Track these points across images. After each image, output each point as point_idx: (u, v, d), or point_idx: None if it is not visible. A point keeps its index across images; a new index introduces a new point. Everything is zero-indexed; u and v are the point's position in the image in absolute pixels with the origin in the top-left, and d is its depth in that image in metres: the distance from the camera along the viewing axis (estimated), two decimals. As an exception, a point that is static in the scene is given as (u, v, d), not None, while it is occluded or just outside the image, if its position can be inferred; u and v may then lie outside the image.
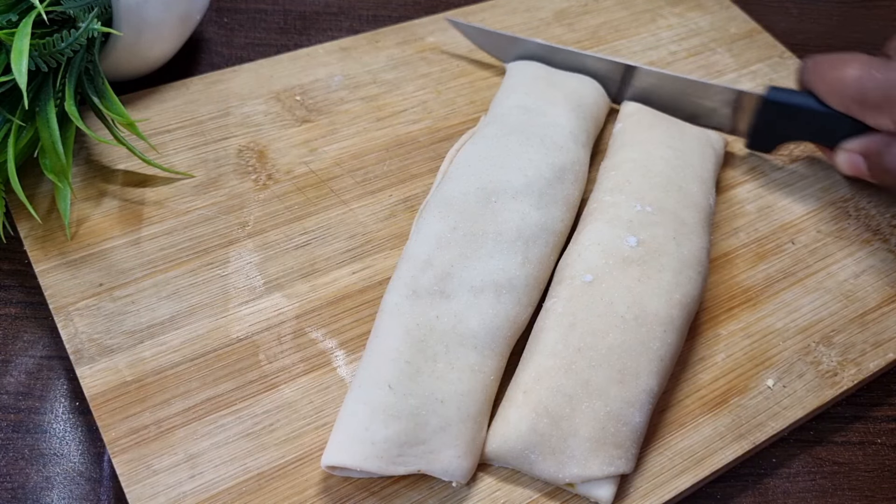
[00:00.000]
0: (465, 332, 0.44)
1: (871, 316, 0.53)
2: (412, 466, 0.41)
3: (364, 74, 0.63)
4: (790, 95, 0.57)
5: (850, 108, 0.54)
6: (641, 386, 0.44)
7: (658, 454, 0.46)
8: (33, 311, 0.51)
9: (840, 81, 0.54)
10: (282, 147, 0.57)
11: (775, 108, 0.58)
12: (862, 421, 0.52)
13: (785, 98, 0.57)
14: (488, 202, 0.49)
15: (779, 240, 0.57)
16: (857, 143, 0.55)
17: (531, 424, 0.42)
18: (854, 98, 0.53)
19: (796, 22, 0.80)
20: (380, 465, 0.40)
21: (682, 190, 0.52)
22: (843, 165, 0.57)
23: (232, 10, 0.71)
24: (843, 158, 0.56)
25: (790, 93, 0.57)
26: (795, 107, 0.57)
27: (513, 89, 0.58)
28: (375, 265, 0.52)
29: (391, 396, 0.41)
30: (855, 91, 0.53)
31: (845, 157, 0.56)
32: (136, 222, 0.52)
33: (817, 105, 0.56)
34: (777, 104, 0.57)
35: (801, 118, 0.57)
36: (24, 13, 0.48)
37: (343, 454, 0.40)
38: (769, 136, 0.60)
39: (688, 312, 0.47)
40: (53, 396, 0.48)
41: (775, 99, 0.57)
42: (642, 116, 0.58)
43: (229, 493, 0.42)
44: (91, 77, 0.53)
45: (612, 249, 0.48)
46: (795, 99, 0.57)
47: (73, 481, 0.45)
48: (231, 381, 0.45)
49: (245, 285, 0.50)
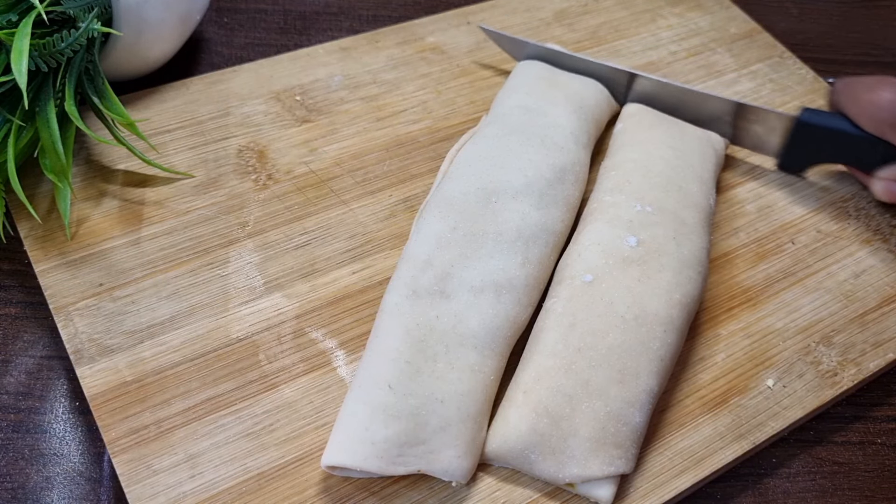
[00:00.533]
0: (465, 332, 0.44)
1: (871, 316, 0.53)
2: (412, 466, 0.41)
3: (364, 74, 0.63)
4: (823, 118, 0.57)
5: (885, 132, 0.54)
6: (641, 386, 0.44)
7: (658, 454, 0.46)
8: (33, 311, 0.51)
9: (874, 105, 0.53)
10: (282, 147, 0.57)
11: (808, 130, 0.57)
12: (862, 421, 0.52)
13: (818, 120, 0.56)
14: (488, 202, 0.49)
15: (779, 240, 0.57)
16: (894, 171, 0.55)
17: (531, 424, 0.42)
18: (888, 122, 0.53)
19: (796, 22, 0.80)
20: (380, 465, 0.40)
21: (683, 190, 0.52)
22: (881, 193, 0.57)
23: (232, 10, 0.71)
24: (881, 187, 0.57)
25: (823, 115, 0.57)
26: (828, 129, 0.56)
27: (514, 89, 0.58)
28: (375, 265, 0.52)
29: (391, 396, 0.41)
30: (889, 115, 0.53)
31: (882, 185, 0.56)
32: (136, 222, 0.52)
33: (851, 128, 0.55)
34: (810, 126, 0.57)
35: (834, 141, 0.57)
36: (24, 13, 0.48)
37: (343, 454, 0.40)
38: (801, 157, 0.59)
39: (688, 312, 0.47)
40: (53, 396, 0.48)
41: (808, 121, 0.57)
42: (643, 117, 0.58)
43: (229, 493, 0.42)
44: (91, 77, 0.53)
45: (612, 249, 0.48)
46: (828, 121, 0.56)
47: (73, 481, 0.45)
48: (231, 381, 0.45)
49: (245, 285, 0.50)
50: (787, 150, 0.59)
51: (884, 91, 0.53)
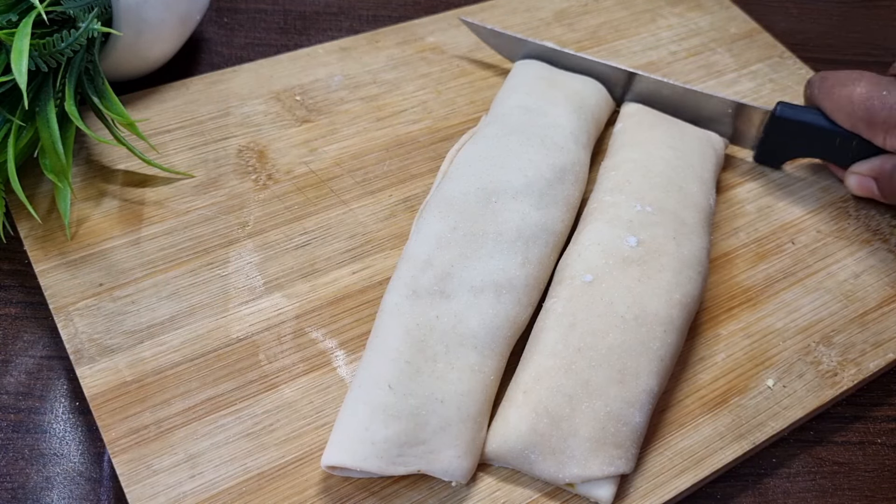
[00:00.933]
0: (465, 331, 0.44)
1: (871, 316, 0.53)
2: (412, 466, 0.41)
3: (364, 74, 0.63)
4: (798, 112, 0.57)
5: (858, 127, 0.54)
6: (641, 386, 0.44)
7: (658, 454, 0.46)
8: (33, 311, 0.51)
9: (848, 99, 0.53)
10: (282, 147, 0.57)
11: (783, 124, 0.57)
12: (862, 421, 0.52)
13: (793, 114, 0.57)
14: (488, 202, 0.49)
15: (779, 240, 0.57)
16: (867, 166, 0.55)
17: (531, 424, 0.42)
18: (862, 117, 0.53)
19: (796, 22, 0.80)
20: (380, 465, 0.40)
21: (683, 190, 0.52)
22: (854, 187, 0.57)
23: (232, 10, 0.71)
24: (854, 181, 0.57)
25: (799, 109, 0.57)
26: (804, 123, 0.56)
27: (514, 89, 0.58)
28: (375, 265, 0.52)
29: (391, 396, 0.41)
30: (863, 110, 0.53)
31: (856, 179, 0.57)
32: (136, 222, 0.52)
33: (826, 123, 0.56)
34: (785, 120, 0.57)
35: (809, 135, 0.57)
36: (24, 13, 0.48)
37: (343, 454, 0.40)
38: (777, 151, 0.60)
39: (688, 312, 0.47)
40: (53, 396, 0.48)
41: (783, 115, 0.57)
42: (643, 117, 0.58)
43: (229, 493, 0.42)
44: (91, 77, 0.53)
45: (612, 249, 0.48)
46: (804, 115, 0.56)
47: (73, 481, 0.45)
48: (231, 381, 0.45)
49: (245, 285, 0.50)
50: (763, 144, 0.59)
51: (857, 86, 0.53)
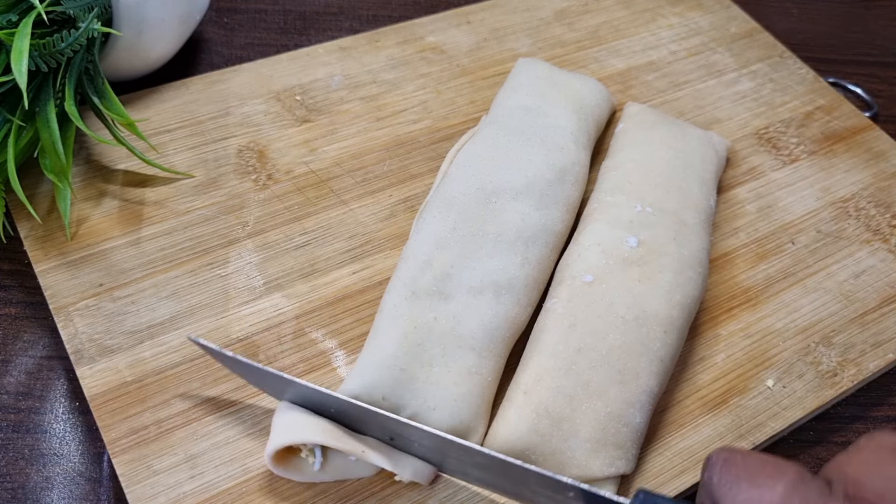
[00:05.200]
0: (463, 333, 0.44)
1: (871, 316, 0.53)
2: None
3: (364, 74, 0.63)
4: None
5: None
6: (642, 386, 0.44)
7: (658, 454, 0.46)
8: (33, 311, 0.51)
9: None
10: (282, 147, 0.57)
11: None
12: (862, 421, 0.52)
13: None
14: (488, 202, 0.49)
15: (779, 240, 0.57)
16: None
17: (531, 425, 0.42)
18: None
19: (796, 22, 0.79)
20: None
21: (683, 191, 0.52)
22: None
23: (232, 10, 0.71)
24: None
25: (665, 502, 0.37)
26: None
27: (514, 90, 0.58)
28: (375, 265, 0.52)
29: (384, 406, 0.42)
30: None
31: None
32: (136, 222, 0.52)
33: None
34: None
35: None
36: (24, 13, 0.48)
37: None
38: None
39: (688, 313, 0.47)
40: (53, 396, 0.48)
41: None
42: (644, 117, 0.58)
43: (229, 493, 0.42)
44: (91, 77, 0.53)
45: (612, 250, 0.48)
46: None
47: (73, 481, 0.45)
48: (231, 381, 0.45)
49: (245, 285, 0.50)
50: None
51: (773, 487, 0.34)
